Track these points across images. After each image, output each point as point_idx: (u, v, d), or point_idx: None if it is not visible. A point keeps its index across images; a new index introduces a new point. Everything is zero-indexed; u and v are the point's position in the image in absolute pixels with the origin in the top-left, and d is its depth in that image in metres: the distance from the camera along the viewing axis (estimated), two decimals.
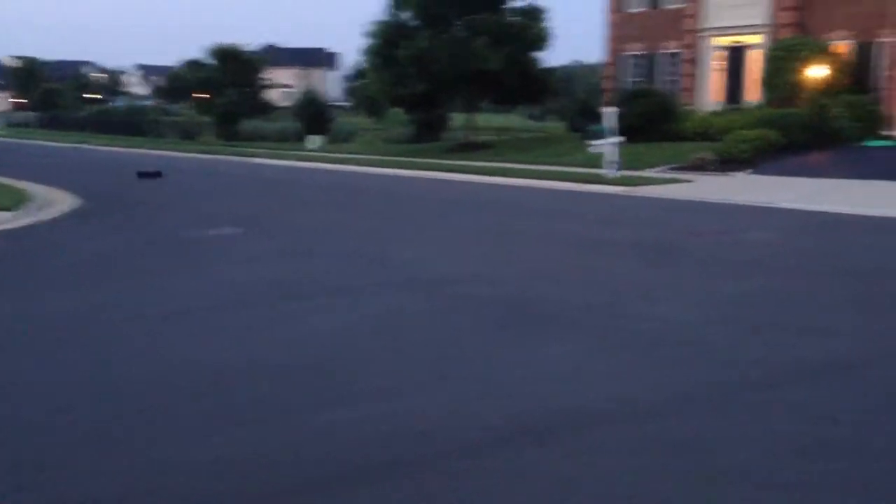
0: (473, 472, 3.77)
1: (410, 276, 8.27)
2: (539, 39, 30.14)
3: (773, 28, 27.01)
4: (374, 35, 30.61)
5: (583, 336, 6.05)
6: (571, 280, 8.13)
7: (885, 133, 23.05)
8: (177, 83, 51.22)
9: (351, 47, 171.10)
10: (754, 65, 27.43)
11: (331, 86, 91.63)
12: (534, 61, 30.67)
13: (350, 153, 33.10)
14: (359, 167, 25.91)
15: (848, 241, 10.86)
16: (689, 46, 29.39)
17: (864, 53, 25.39)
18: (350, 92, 70.73)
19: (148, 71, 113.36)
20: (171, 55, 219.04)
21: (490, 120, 48.56)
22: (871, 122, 23.18)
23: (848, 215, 13.01)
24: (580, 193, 17.26)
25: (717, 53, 28.81)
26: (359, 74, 39.41)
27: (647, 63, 31.27)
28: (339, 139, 44.39)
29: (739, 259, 9.31)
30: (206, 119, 49.96)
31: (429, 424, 4.31)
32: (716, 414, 4.49)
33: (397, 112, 42.39)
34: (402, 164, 25.78)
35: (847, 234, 11.46)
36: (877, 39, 24.65)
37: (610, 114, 19.76)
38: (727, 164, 20.29)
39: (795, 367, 5.29)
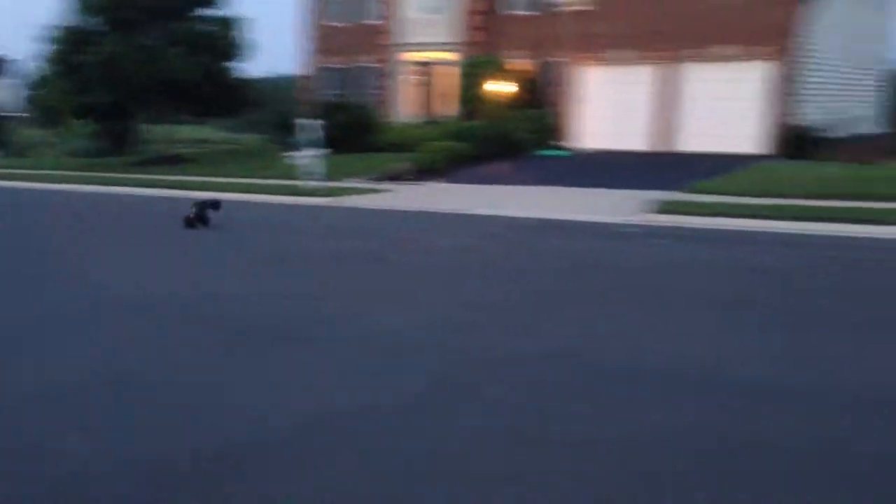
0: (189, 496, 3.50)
1: (118, 298, 7.64)
2: (234, 49, 29.49)
3: (463, 46, 28.74)
4: (55, 40, 28.14)
5: (310, 350, 5.94)
6: (290, 294, 7.96)
7: (557, 144, 25.48)
8: None
9: (29, 53, 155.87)
10: (447, 80, 29.01)
11: (6, 94, 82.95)
12: (229, 71, 29.94)
13: (26, 168, 30.08)
14: (35, 183, 23.64)
15: (530, 242, 11.75)
16: (386, 61, 30.38)
17: (541, 72, 27.88)
18: (29, 101, 64.44)
19: None
20: None
21: (190, 132, 46.66)
22: (547, 134, 25.53)
23: (529, 219, 14.11)
24: (285, 206, 17.07)
25: (413, 69, 30.08)
26: (39, 82, 35.86)
27: (348, 76, 31.84)
28: (16, 152, 40.26)
29: (442, 264, 9.74)
30: None
31: (141, 453, 3.96)
32: (445, 413, 4.59)
33: (84, 123, 39.29)
34: (88, 178, 23.94)
35: (528, 235, 12.40)
36: (550, 59, 27.15)
37: (311, 126, 19.79)
38: (423, 174, 21.23)
39: (509, 363, 5.57)
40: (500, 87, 26.50)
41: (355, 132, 25.33)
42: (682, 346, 6.00)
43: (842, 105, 25.64)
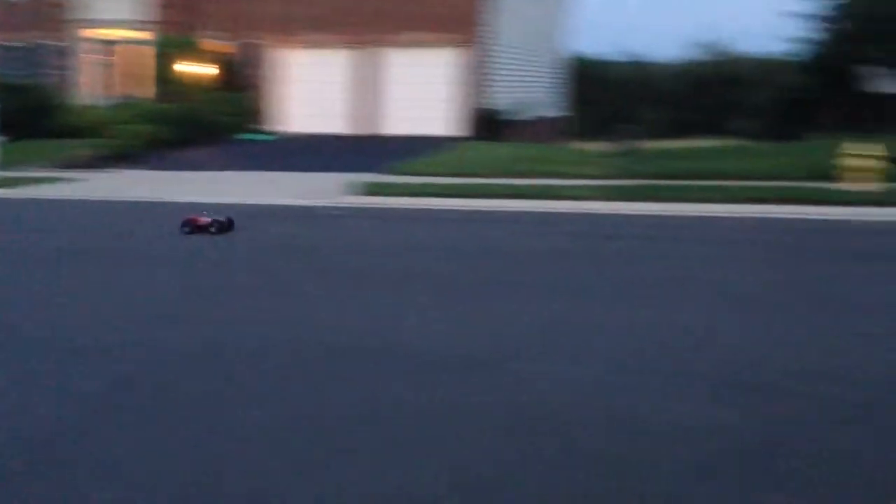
0: None
1: None
2: None
3: (158, 25, 27.10)
4: None
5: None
6: None
7: (259, 127, 25.10)
8: None
9: None
10: (139, 60, 27.25)
11: None
12: None
13: None
14: None
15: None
16: (71, 39, 27.84)
17: (243, 54, 27.14)
18: None
19: None
20: None
21: None
22: (248, 118, 25.07)
23: (231, 205, 13.62)
24: None
25: (104, 48, 27.88)
26: None
27: (26, 55, 28.78)
28: None
29: (129, 256, 9.18)
30: None
31: None
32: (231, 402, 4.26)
33: None
34: None
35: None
36: (251, 41, 26.54)
37: None
38: (117, 160, 19.90)
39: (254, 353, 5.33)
40: (197, 69, 25.44)
41: (33, 116, 22.99)
42: (366, 323, 6.18)
43: (525, 90, 27.81)
